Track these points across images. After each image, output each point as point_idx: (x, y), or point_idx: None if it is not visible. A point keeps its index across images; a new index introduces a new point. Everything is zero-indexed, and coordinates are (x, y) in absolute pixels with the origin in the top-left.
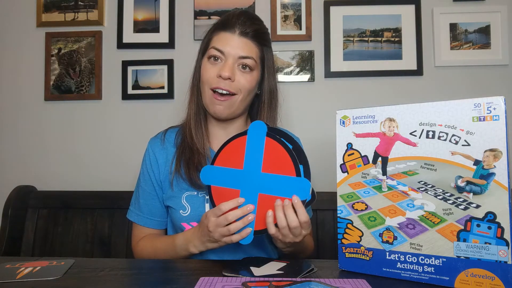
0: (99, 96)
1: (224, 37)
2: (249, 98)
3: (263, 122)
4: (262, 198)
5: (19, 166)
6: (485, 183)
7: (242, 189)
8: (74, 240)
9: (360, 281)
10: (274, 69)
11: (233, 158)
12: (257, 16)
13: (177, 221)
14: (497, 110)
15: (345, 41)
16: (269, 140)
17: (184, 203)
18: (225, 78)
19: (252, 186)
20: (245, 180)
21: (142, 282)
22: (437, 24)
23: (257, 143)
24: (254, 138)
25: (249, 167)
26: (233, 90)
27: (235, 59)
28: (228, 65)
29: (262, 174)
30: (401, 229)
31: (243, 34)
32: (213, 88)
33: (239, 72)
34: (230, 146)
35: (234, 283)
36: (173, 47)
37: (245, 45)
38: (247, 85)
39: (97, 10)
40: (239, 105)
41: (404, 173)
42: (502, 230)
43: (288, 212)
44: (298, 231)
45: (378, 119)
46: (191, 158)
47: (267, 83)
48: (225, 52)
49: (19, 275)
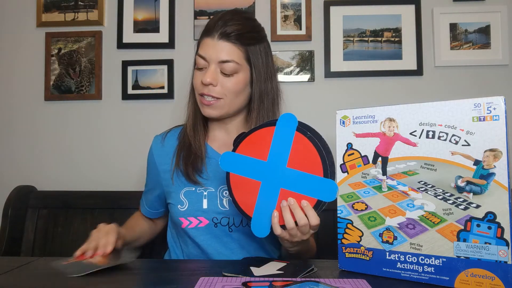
0: (99, 96)
1: (206, 43)
2: (239, 98)
3: (293, 115)
4: (284, 194)
5: (19, 166)
6: (485, 183)
7: (263, 181)
8: (74, 240)
9: (360, 281)
10: (265, 65)
11: (257, 148)
12: (241, 15)
13: (175, 216)
14: (497, 110)
15: (345, 41)
16: (299, 135)
17: (182, 198)
18: (207, 84)
19: (275, 180)
20: (268, 172)
21: (142, 282)
22: (437, 24)
23: (286, 136)
24: (283, 130)
25: (274, 160)
26: (217, 95)
27: (217, 64)
28: (210, 71)
29: (287, 169)
30: (401, 229)
31: (222, 37)
32: (200, 93)
33: (222, 76)
34: (256, 135)
35: (234, 283)
36: (173, 47)
37: (224, 49)
38: (231, 88)
39: (97, 10)
40: (230, 106)
41: (404, 173)
42: (502, 230)
43: (296, 211)
44: (306, 229)
45: (378, 119)
46: (188, 155)
47: (256, 83)
48: (207, 58)
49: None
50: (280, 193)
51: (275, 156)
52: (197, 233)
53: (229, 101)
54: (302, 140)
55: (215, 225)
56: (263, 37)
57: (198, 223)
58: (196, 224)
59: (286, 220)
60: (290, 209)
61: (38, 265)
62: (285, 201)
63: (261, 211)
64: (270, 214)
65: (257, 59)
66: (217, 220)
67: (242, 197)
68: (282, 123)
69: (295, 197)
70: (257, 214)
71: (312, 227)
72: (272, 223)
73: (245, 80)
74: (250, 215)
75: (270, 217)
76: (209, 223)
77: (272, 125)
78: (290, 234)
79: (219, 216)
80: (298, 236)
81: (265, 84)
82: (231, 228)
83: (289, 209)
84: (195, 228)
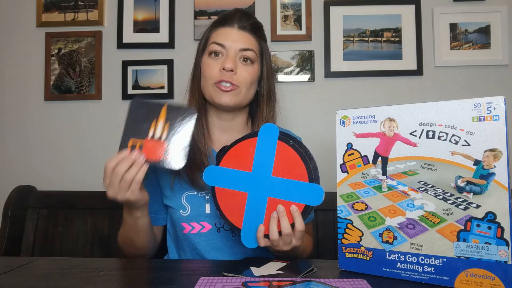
0: (99, 96)
1: (224, 32)
2: (251, 91)
3: (274, 125)
4: (272, 202)
5: (19, 166)
6: (485, 183)
7: (250, 192)
8: (74, 240)
9: (360, 281)
10: (271, 63)
11: (241, 159)
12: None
13: (177, 221)
14: (497, 110)
15: (345, 41)
16: (281, 144)
17: (184, 203)
18: (228, 70)
19: (261, 189)
20: (254, 183)
21: (142, 282)
22: (437, 24)
23: (269, 146)
24: (265, 140)
25: (259, 170)
26: (236, 82)
27: (236, 52)
28: (230, 57)
29: (273, 178)
30: (401, 229)
31: (241, 28)
32: (217, 81)
33: (241, 64)
34: (238, 148)
35: (234, 283)
36: (173, 47)
37: (244, 38)
38: (249, 77)
39: (97, 10)
40: (244, 97)
41: (404, 173)
42: (502, 230)
43: (283, 219)
44: (289, 239)
45: (378, 119)
46: (193, 158)
47: (265, 77)
48: (226, 46)
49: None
50: (268, 202)
51: (259, 166)
52: (199, 239)
53: (245, 91)
54: (285, 149)
55: (218, 230)
56: (266, 37)
57: (200, 228)
58: (198, 230)
59: (271, 231)
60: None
61: (38, 265)
62: (275, 212)
63: (251, 221)
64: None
65: (267, 54)
66: (220, 225)
67: (230, 210)
68: (264, 134)
69: (283, 205)
70: (246, 224)
71: (296, 235)
72: (257, 236)
73: (258, 73)
74: (239, 227)
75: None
76: (212, 228)
77: (254, 136)
78: (273, 244)
79: (222, 221)
80: (280, 246)
81: (271, 81)
82: (234, 233)
83: (277, 220)
84: (198, 234)
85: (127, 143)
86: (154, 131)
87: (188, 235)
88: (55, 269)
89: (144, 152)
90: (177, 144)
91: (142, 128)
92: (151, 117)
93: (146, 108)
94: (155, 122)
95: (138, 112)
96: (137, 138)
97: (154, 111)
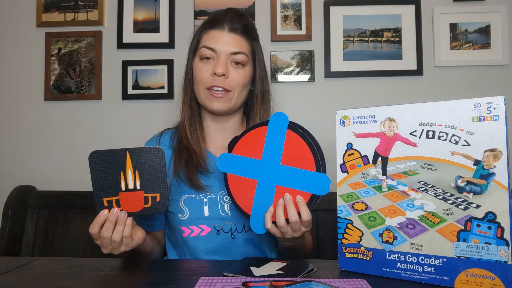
0: (99, 96)
1: (214, 35)
2: (244, 93)
3: (284, 114)
4: (280, 190)
5: (19, 166)
6: (485, 183)
7: (259, 179)
8: (74, 240)
9: (360, 281)
10: (264, 63)
11: (252, 147)
12: (243, 12)
13: (176, 225)
14: (497, 110)
15: (345, 41)
16: (291, 133)
17: (182, 207)
18: (219, 75)
19: (270, 177)
20: (263, 171)
21: (142, 282)
22: (437, 24)
23: (278, 134)
24: (275, 129)
25: (268, 158)
26: (228, 87)
27: (227, 56)
28: (221, 61)
29: (281, 166)
30: (401, 229)
31: (232, 30)
32: (209, 87)
33: (232, 68)
34: (250, 136)
35: (234, 283)
36: (173, 47)
37: (235, 41)
38: (241, 80)
39: (97, 10)
40: (236, 101)
41: (404, 173)
42: (502, 230)
43: (289, 207)
44: (297, 226)
45: (378, 119)
46: (189, 159)
47: (259, 77)
48: (217, 50)
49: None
50: (276, 189)
51: (269, 155)
52: (198, 242)
53: (237, 95)
54: (294, 137)
55: (217, 232)
56: (258, 36)
57: (200, 232)
58: (198, 233)
59: (277, 217)
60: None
61: (38, 265)
62: (282, 199)
63: (259, 208)
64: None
65: (259, 54)
66: (219, 227)
67: (241, 196)
68: (274, 122)
69: (290, 193)
70: (255, 211)
71: (304, 224)
72: (265, 217)
73: (250, 74)
74: (249, 213)
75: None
76: (211, 231)
77: (265, 125)
78: (281, 231)
79: (221, 223)
80: (289, 233)
81: (265, 81)
82: (233, 235)
83: (283, 207)
84: (197, 237)
85: (102, 202)
86: (126, 183)
87: (188, 239)
88: (55, 269)
89: (123, 207)
90: (155, 189)
91: (112, 184)
92: (116, 169)
93: (107, 159)
94: (122, 174)
95: (101, 166)
96: (111, 196)
97: (116, 162)
